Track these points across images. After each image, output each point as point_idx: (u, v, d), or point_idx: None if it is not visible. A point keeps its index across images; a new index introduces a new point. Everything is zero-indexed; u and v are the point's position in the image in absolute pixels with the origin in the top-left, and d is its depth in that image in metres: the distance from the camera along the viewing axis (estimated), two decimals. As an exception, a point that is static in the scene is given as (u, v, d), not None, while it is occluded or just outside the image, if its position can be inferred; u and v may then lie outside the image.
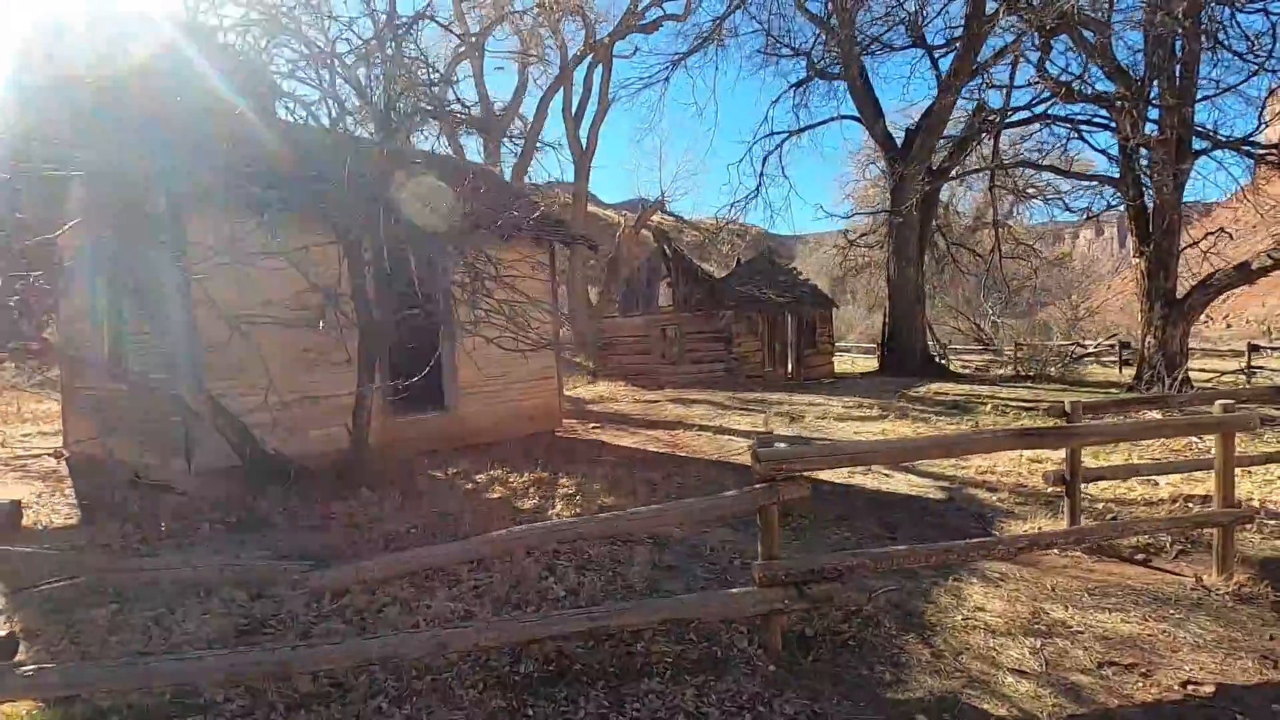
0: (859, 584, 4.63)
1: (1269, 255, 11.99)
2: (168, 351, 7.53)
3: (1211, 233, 13.62)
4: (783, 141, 21.77)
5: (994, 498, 7.01)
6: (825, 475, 8.04)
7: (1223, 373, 16.81)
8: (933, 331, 21.19)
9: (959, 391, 14.77)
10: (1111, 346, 18.12)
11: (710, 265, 34.01)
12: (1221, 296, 15.30)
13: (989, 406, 12.43)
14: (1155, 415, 7.69)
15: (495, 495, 7.38)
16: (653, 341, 19.02)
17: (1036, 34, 13.97)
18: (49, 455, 9.99)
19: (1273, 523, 5.97)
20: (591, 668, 3.54)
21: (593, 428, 12.35)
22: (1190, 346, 25.94)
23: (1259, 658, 3.82)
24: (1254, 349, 18.37)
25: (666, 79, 23.46)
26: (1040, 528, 5.94)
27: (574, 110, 29.49)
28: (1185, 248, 13.21)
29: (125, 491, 7.39)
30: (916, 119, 19.51)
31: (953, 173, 19.37)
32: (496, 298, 9.03)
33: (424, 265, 8.69)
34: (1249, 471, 7.12)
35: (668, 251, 18.88)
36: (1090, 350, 18.98)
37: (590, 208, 50.92)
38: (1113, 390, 14.12)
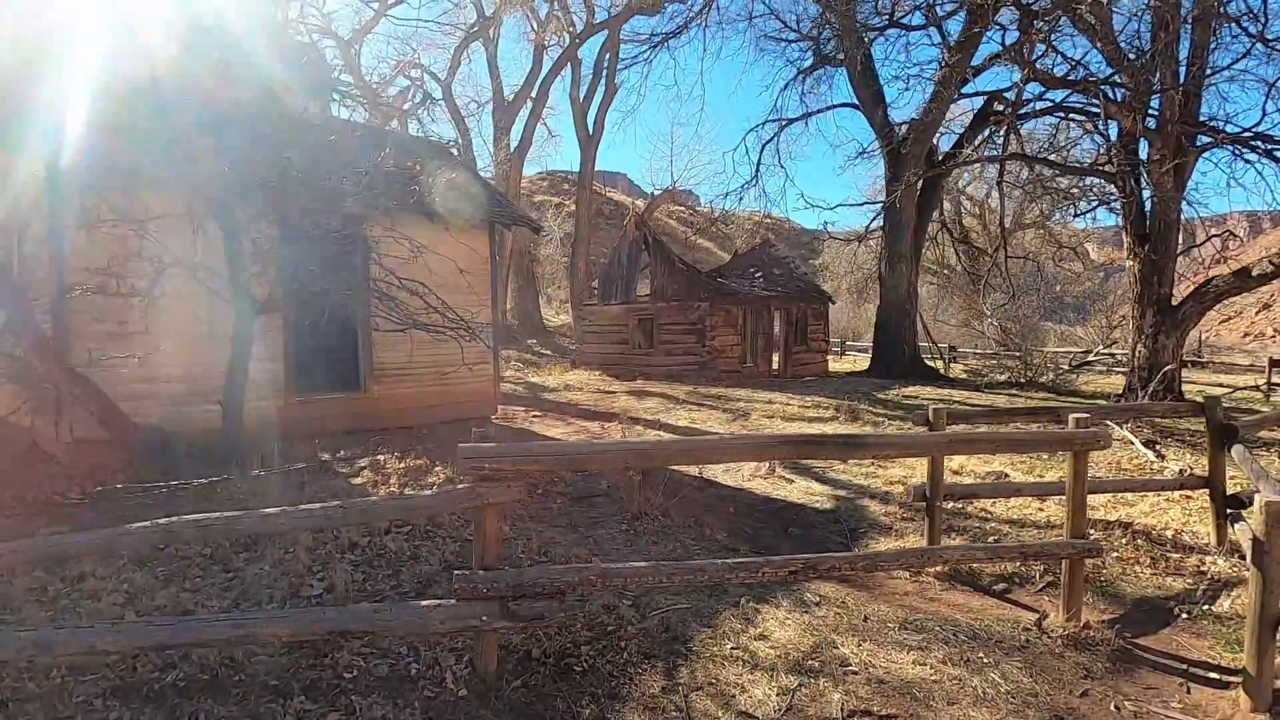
0: (650, 601, 4.15)
1: (1270, 261, 10.89)
2: (43, 317, 7.40)
3: (1217, 234, 12.51)
4: (781, 129, 20.95)
5: (883, 510, 6.40)
6: (723, 479, 7.55)
7: (1234, 388, 15.57)
8: (929, 332, 20.19)
9: (932, 396, 13.94)
10: (1114, 356, 16.87)
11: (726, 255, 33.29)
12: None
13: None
14: (1035, 429, 6.97)
15: (359, 481, 7.06)
16: (630, 331, 18.55)
17: (1037, 19, 12.99)
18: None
19: (1176, 555, 5.26)
20: (254, 679, 3.16)
21: (533, 417, 11.98)
22: (1205, 359, 24.40)
23: (1051, 717, 3.23)
24: (1276, 364, 17.02)
25: (649, 59, 22.67)
26: (900, 547, 5.35)
27: (581, 95, 29.09)
28: (1183, 250, 12.14)
29: (13, 460, 7.33)
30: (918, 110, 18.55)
31: (952, 165, 18.29)
32: (400, 276, 8.72)
33: (322, 240, 8.41)
34: (1189, 496, 6.40)
35: (648, 239, 18.34)
36: (1091, 358, 17.78)
37: (608, 193, 50.53)
38: (1100, 401, 13.13)
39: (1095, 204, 14.75)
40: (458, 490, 3.22)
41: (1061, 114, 14.26)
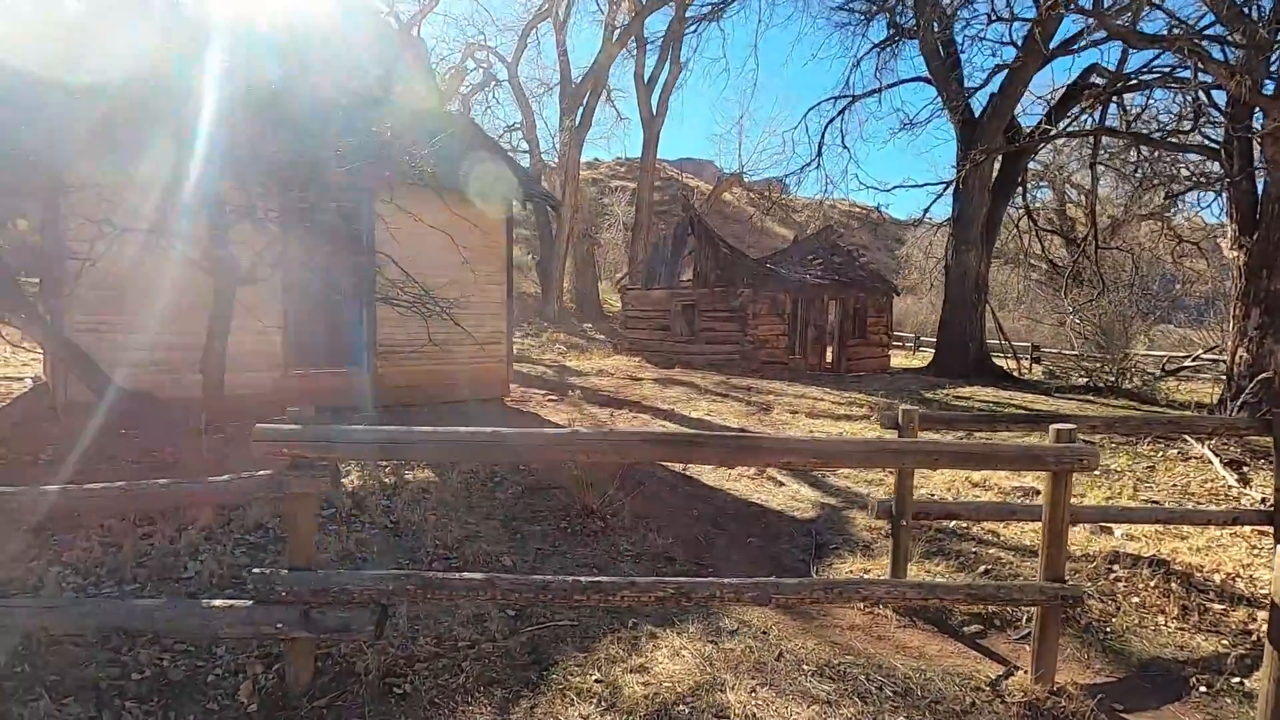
0: (533, 613, 3.63)
1: None
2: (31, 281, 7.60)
3: (1347, 222, 10.50)
4: (849, 105, 19.58)
5: (868, 524, 5.57)
6: (705, 477, 6.89)
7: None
8: (1001, 327, 18.40)
9: (992, 398, 12.59)
10: (1215, 362, 14.65)
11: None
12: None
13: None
14: (1018, 441, 5.81)
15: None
16: (672, 318, 17.88)
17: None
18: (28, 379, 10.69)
19: (1219, 606, 4.22)
20: (37, 674, 2.86)
21: (548, 400, 11.62)
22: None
23: (962, 817, 2.49)
24: None
25: (699, 32, 21.70)
26: (863, 570, 4.57)
27: (646, 75, 28.42)
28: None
29: (30, 417, 7.65)
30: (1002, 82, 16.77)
31: (1030, 142, 16.43)
32: (393, 252, 8.49)
33: (327, 211, 8.28)
34: (1263, 532, 5.22)
35: (694, 221, 17.56)
36: (1189, 363, 15.59)
37: (686, 178, 49.60)
38: (1187, 411, 11.40)
39: (1191, 184, 12.79)
40: (255, 478, 2.80)
41: (1172, 85, 12.30)
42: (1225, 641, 3.86)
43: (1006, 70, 15.94)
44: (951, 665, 3.52)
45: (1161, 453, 8.14)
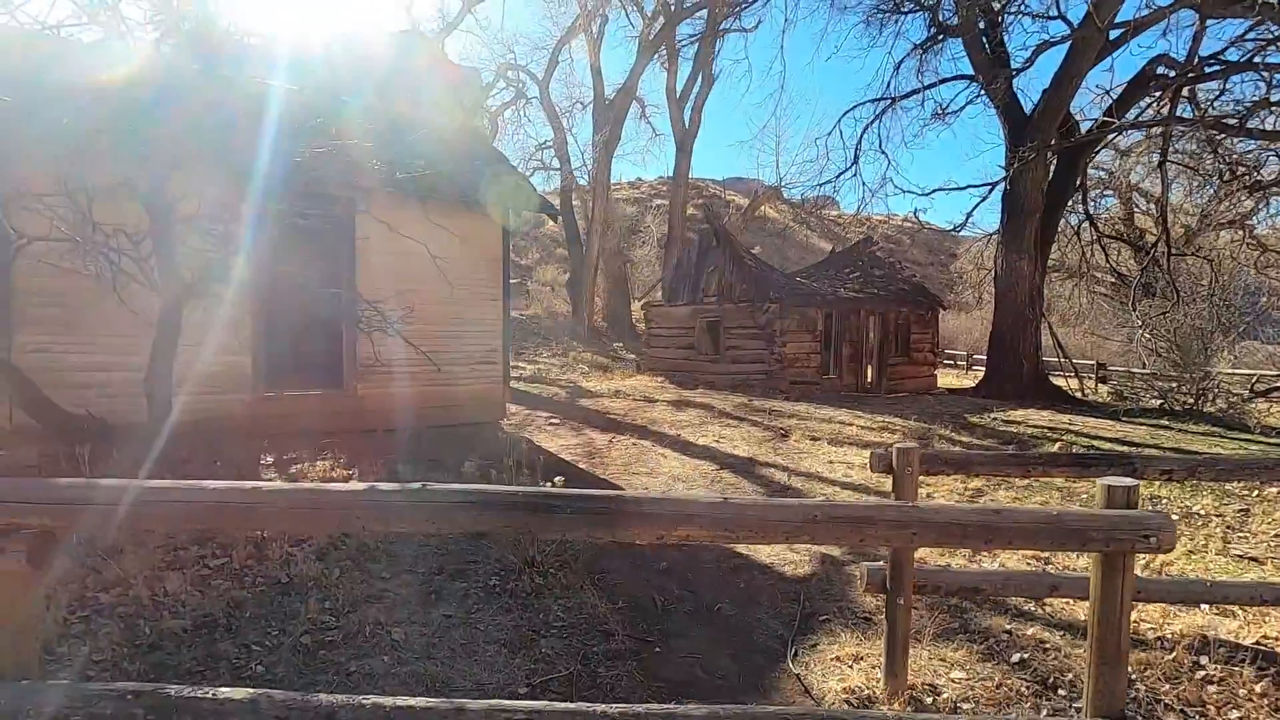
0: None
1: None
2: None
3: None
4: (883, 111, 18.40)
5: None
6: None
7: None
8: (1060, 344, 16.69)
9: (1047, 423, 11.14)
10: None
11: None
12: None
13: (1055, 447, 9.02)
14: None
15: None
16: (696, 335, 16.88)
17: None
18: None
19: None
20: None
21: (550, 424, 10.79)
22: None
23: None
24: None
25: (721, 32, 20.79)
26: (854, 657, 3.49)
27: (678, 89, 27.77)
28: None
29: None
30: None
31: (1088, 138, 14.89)
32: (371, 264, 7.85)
33: (308, 222, 7.69)
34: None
35: (717, 232, 16.59)
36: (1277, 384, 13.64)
37: (729, 195, 48.68)
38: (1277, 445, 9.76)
39: (1276, 183, 11.18)
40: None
41: (1260, 70, 10.74)
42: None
43: (1052, 48, 14.52)
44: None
45: (1257, 491, 6.72)
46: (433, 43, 23.64)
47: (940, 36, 18.62)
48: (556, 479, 4.87)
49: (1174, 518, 5.92)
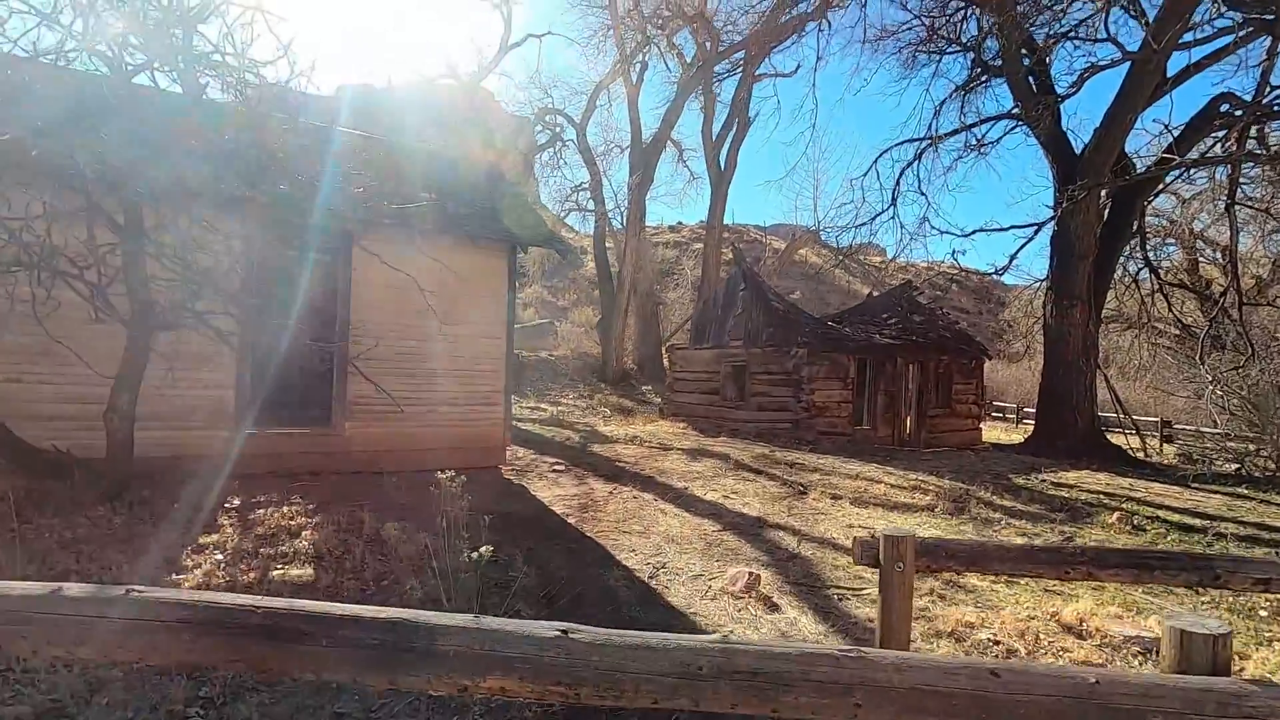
0: None
1: None
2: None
3: None
4: (921, 152, 17.70)
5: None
6: (672, 590, 5.13)
7: None
8: (1118, 398, 15.33)
9: (1104, 487, 9.96)
10: None
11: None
12: None
13: (1114, 517, 7.91)
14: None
15: (208, 539, 5.64)
16: (721, 380, 16.12)
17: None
18: None
19: None
20: None
21: (554, 470, 10.14)
22: None
23: None
24: None
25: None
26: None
27: (714, 133, 27.62)
28: None
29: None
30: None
31: (1146, 175, 13.84)
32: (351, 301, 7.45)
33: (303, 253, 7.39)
34: None
35: (745, 274, 15.96)
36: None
37: (770, 240, 48.20)
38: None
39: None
40: None
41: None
42: None
43: (1100, 73, 13.70)
44: None
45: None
46: (485, 91, 24.11)
47: (984, 76, 18.00)
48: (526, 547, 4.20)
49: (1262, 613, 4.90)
